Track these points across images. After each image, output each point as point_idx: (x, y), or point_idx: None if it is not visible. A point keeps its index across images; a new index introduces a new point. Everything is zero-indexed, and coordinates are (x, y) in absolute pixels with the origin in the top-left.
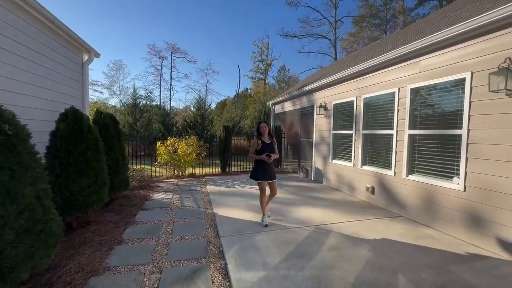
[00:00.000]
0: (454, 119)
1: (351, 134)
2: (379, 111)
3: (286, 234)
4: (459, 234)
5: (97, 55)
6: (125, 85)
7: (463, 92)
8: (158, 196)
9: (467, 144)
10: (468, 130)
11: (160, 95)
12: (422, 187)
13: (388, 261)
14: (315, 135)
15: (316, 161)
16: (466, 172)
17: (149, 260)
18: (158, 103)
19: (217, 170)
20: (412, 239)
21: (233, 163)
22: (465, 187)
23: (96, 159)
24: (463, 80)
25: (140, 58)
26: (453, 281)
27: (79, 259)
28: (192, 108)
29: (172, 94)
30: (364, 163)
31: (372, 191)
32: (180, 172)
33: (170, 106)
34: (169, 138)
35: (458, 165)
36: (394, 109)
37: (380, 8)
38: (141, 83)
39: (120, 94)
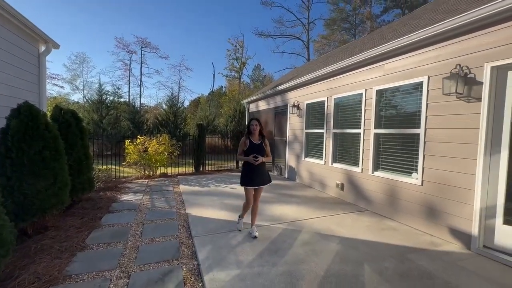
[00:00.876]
0: (414, 119)
1: (323, 133)
2: (348, 111)
3: (260, 232)
4: (418, 225)
5: (56, 46)
6: (90, 79)
7: (421, 95)
8: (126, 197)
9: (424, 142)
10: (425, 129)
11: (129, 91)
12: (386, 183)
13: (355, 253)
14: (288, 134)
15: (290, 159)
16: (423, 168)
17: (116, 265)
18: (127, 100)
19: (191, 169)
20: (377, 231)
21: (207, 162)
22: (422, 181)
23: (55, 159)
24: (421, 83)
25: (106, 52)
26: (412, 268)
27: (35, 268)
28: (164, 106)
29: (142, 90)
30: (334, 160)
31: (342, 187)
32: (151, 172)
33: (140, 103)
34: (138, 136)
35: (417, 162)
36: (361, 109)
37: (349, 13)
38: (107, 78)
39: (84, 89)
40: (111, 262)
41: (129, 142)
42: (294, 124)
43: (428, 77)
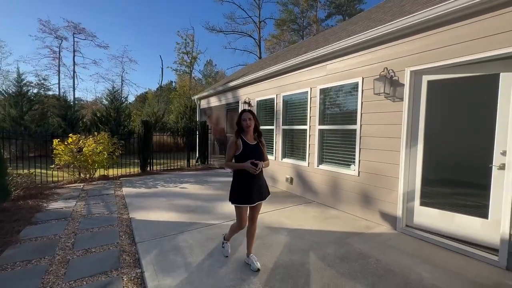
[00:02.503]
0: (352, 116)
1: (273, 129)
2: (295, 109)
3: (210, 231)
4: (356, 212)
5: None
6: (5, 68)
7: (358, 94)
8: (55, 205)
9: (360, 137)
10: (361, 125)
11: (59, 83)
12: (330, 175)
13: (302, 243)
14: None
15: None
16: (359, 160)
17: (38, 285)
18: (57, 93)
19: (136, 170)
20: (322, 220)
21: (155, 161)
22: (359, 172)
23: None
24: (357, 83)
25: (27, 36)
26: (350, 251)
27: None
28: (104, 101)
29: (76, 82)
30: (284, 156)
31: (291, 181)
32: (88, 175)
33: (74, 97)
34: (71, 135)
35: (354, 155)
36: (307, 107)
37: (298, 15)
38: (30, 67)
39: None
40: (32, 282)
41: (59, 141)
42: None
43: (363, 78)
